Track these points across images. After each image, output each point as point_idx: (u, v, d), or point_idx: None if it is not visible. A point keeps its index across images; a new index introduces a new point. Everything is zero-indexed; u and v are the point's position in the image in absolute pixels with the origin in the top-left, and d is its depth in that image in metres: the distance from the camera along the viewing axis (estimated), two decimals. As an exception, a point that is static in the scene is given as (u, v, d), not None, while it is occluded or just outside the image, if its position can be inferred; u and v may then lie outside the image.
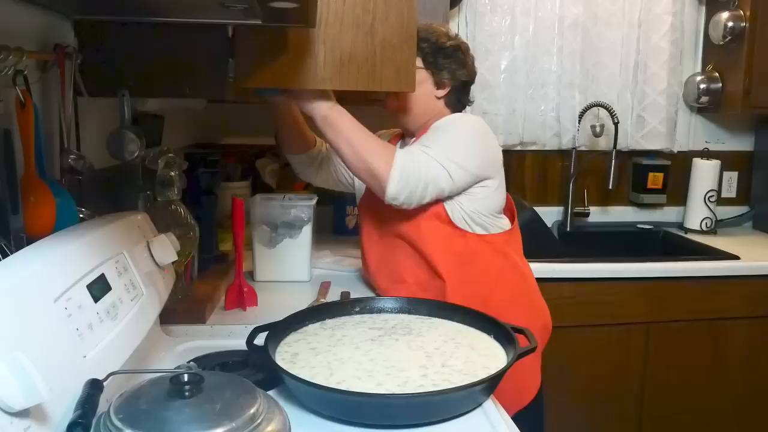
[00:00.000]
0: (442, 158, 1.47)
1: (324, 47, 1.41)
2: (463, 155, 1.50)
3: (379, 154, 1.44)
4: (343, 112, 1.47)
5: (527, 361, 1.59)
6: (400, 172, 1.43)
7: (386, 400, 0.97)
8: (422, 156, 1.46)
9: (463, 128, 1.56)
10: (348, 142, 1.44)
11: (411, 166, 1.44)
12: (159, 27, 1.32)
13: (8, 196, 0.93)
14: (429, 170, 1.46)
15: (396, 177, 1.43)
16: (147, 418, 0.75)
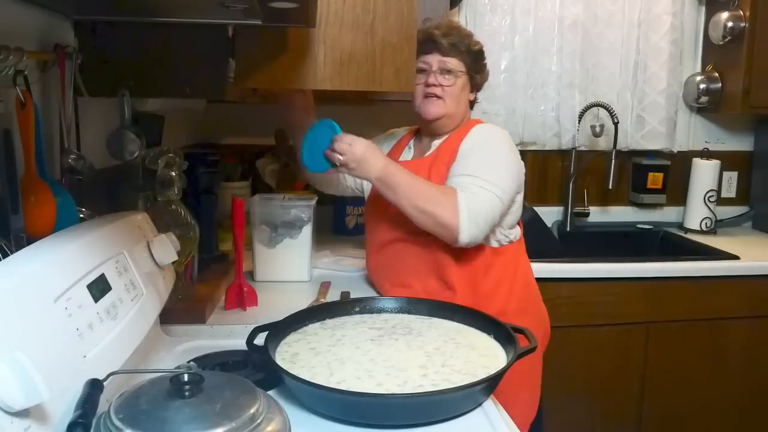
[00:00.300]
0: (493, 187, 1.48)
1: (324, 47, 1.41)
2: (507, 178, 1.52)
3: (443, 204, 1.44)
4: (395, 170, 1.48)
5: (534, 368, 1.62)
6: (468, 216, 1.43)
7: (386, 400, 0.97)
8: (480, 191, 1.47)
9: (499, 148, 1.57)
10: (408, 201, 1.45)
11: (476, 206, 1.45)
12: (159, 27, 1.33)
13: (8, 196, 0.93)
14: (490, 204, 1.47)
15: (466, 224, 1.43)
16: (147, 418, 0.75)
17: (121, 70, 1.34)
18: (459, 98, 1.63)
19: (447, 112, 1.62)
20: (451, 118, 1.64)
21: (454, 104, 1.62)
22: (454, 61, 1.61)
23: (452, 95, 1.61)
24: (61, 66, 1.20)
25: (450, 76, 1.61)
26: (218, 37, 1.35)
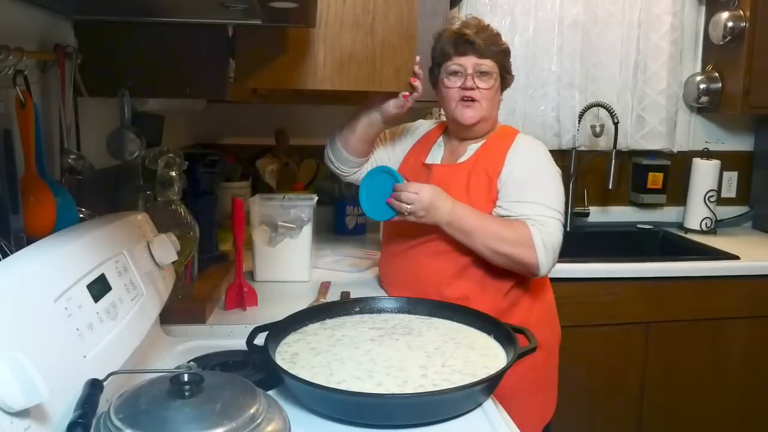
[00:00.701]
0: (558, 214, 1.51)
1: (324, 47, 1.41)
2: (562, 200, 1.55)
3: (519, 244, 1.44)
4: (463, 212, 1.46)
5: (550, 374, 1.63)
6: (545, 251, 1.45)
7: (386, 400, 0.97)
8: (550, 222, 1.48)
9: (550, 167, 1.56)
10: (483, 244, 1.45)
11: (550, 239, 1.46)
12: (159, 27, 1.33)
13: (8, 196, 0.93)
14: (559, 232, 1.50)
15: (544, 259, 1.45)
16: (147, 418, 0.75)
17: (121, 70, 1.34)
18: (494, 100, 1.58)
19: (484, 116, 1.56)
20: (488, 122, 1.59)
21: (490, 107, 1.57)
22: (489, 63, 1.55)
23: (489, 98, 1.55)
24: (61, 66, 1.20)
25: (487, 77, 1.55)
26: (218, 37, 1.35)
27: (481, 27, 1.57)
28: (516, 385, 1.48)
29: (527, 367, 1.49)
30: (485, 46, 1.53)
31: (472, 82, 1.54)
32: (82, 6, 1.26)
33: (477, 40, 1.53)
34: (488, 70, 1.55)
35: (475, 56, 1.54)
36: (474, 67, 1.54)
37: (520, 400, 1.50)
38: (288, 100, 2.27)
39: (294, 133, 2.54)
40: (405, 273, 1.59)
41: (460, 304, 1.38)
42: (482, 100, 1.55)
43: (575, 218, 2.79)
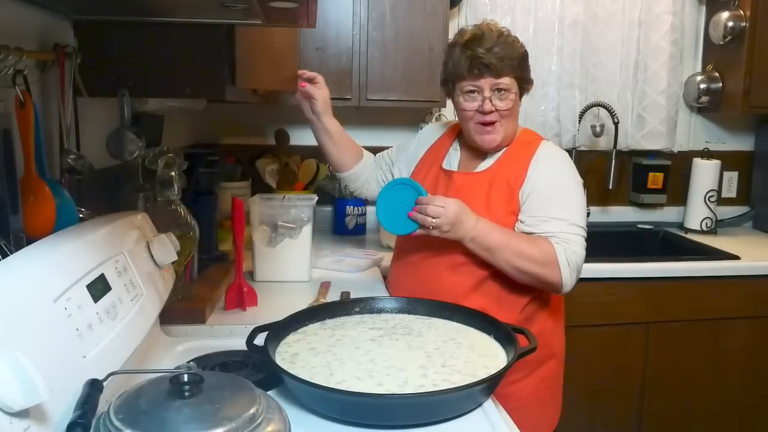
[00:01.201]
0: (580, 230, 1.43)
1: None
2: (584, 214, 1.48)
3: (542, 262, 1.37)
4: (487, 229, 1.38)
5: (560, 381, 1.60)
6: (569, 269, 1.39)
7: (386, 400, 0.97)
8: (573, 238, 1.40)
9: (574, 179, 1.48)
10: (507, 263, 1.38)
11: (574, 257, 1.39)
12: (159, 27, 1.33)
13: (8, 196, 0.93)
14: (582, 248, 1.43)
15: (568, 277, 1.39)
16: (147, 418, 0.75)
17: (121, 70, 1.33)
18: (515, 116, 1.50)
19: (507, 134, 1.49)
20: (508, 137, 1.51)
21: (511, 124, 1.49)
22: (507, 80, 1.45)
23: (508, 116, 1.47)
24: (60, 66, 1.20)
25: (506, 95, 1.45)
26: (218, 37, 1.35)
27: (495, 40, 1.44)
28: (530, 395, 1.49)
29: (540, 377, 1.50)
30: (503, 63, 1.43)
31: (490, 105, 1.44)
32: (81, 6, 1.26)
33: (492, 62, 1.42)
34: (506, 87, 1.45)
35: (491, 77, 1.44)
36: (491, 86, 1.44)
37: (534, 409, 1.51)
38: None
39: (294, 133, 2.54)
40: (419, 284, 1.51)
41: None
42: (502, 121, 1.46)
43: (575, 218, 2.79)
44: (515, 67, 1.46)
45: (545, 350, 1.47)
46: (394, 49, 2.28)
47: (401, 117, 2.63)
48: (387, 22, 2.27)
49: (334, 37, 2.26)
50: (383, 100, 2.31)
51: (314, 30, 2.16)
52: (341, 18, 2.25)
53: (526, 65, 1.51)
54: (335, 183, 2.63)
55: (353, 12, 2.25)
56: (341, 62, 2.26)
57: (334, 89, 2.27)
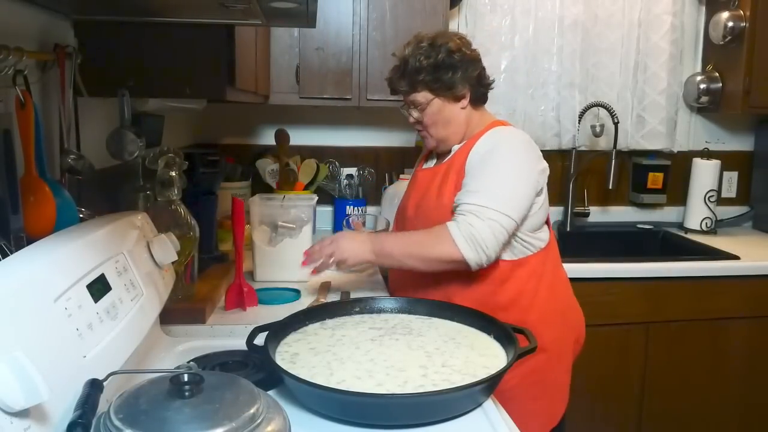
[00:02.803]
0: (495, 214, 1.40)
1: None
2: (513, 197, 1.44)
3: (438, 243, 1.42)
4: (381, 238, 1.51)
5: (558, 377, 1.59)
6: (468, 244, 1.39)
7: (386, 400, 0.97)
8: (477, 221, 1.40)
9: (506, 159, 1.48)
10: (409, 258, 1.46)
11: (476, 233, 1.39)
12: (159, 27, 1.33)
13: (8, 196, 0.93)
14: (491, 230, 1.40)
15: (470, 251, 1.39)
16: (147, 418, 0.75)
17: (121, 70, 1.34)
18: (440, 122, 1.55)
19: (439, 138, 1.58)
20: (451, 137, 1.58)
21: (441, 129, 1.56)
22: (420, 95, 1.54)
23: (433, 124, 1.56)
24: (60, 66, 1.20)
25: (422, 107, 1.55)
26: (218, 37, 1.35)
27: (403, 58, 1.55)
28: (516, 387, 1.46)
29: (528, 369, 1.47)
30: (407, 83, 1.55)
31: (411, 118, 1.60)
32: (81, 6, 1.26)
33: (398, 86, 1.58)
34: (418, 102, 1.55)
35: (405, 95, 1.58)
36: (410, 103, 1.58)
37: (521, 404, 1.45)
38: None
39: (294, 133, 2.54)
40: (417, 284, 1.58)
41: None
42: (429, 128, 1.57)
43: (575, 218, 2.79)
44: (421, 82, 1.53)
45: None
46: (394, 49, 2.26)
47: (401, 117, 2.61)
48: (387, 22, 2.27)
49: (334, 37, 2.26)
50: (383, 100, 2.30)
51: (314, 30, 2.17)
52: (341, 18, 2.25)
53: (444, 73, 1.52)
54: (335, 183, 2.63)
55: (353, 12, 2.25)
56: (341, 62, 2.26)
57: (334, 89, 2.29)
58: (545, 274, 1.57)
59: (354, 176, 2.64)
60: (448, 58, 1.51)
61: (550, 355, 1.53)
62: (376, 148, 2.72)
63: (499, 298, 1.50)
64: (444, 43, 1.53)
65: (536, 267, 1.54)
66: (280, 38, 2.22)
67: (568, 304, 1.64)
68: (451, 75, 1.52)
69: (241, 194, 2.31)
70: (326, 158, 2.63)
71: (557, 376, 1.59)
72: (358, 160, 2.68)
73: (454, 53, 1.52)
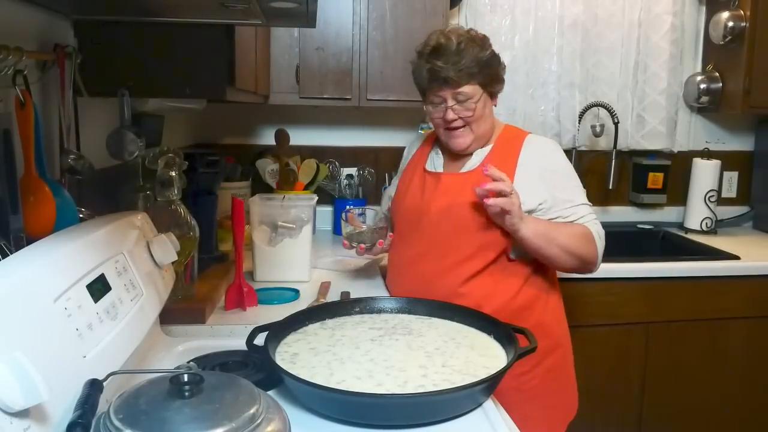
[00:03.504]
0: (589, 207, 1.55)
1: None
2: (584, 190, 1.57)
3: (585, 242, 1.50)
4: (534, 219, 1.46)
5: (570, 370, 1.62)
6: (601, 244, 1.52)
7: (386, 400, 0.97)
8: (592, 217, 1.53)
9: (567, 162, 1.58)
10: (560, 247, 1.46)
11: (600, 230, 1.53)
12: (159, 27, 1.33)
13: (8, 196, 0.93)
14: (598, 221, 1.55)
15: (600, 252, 1.53)
16: (147, 418, 0.75)
17: (121, 70, 1.34)
18: (484, 118, 1.51)
19: (479, 135, 1.52)
20: (485, 135, 1.55)
21: (481, 126, 1.52)
22: (468, 88, 1.47)
23: (476, 120, 1.50)
24: (60, 66, 1.20)
25: (468, 103, 1.48)
26: (218, 37, 1.35)
27: (454, 51, 1.45)
28: (538, 386, 1.51)
29: (546, 368, 1.51)
30: (462, 75, 1.45)
31: (452, 113, 1.49)
32: (81, 6, 1.26)
33: (450, 75, 1.45)
34: (468, 95, 1.47)
35: (450, 88, 1.47)
36: (453, 96, 1.48)
37: (544, 400, 1.52)
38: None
39: (294, 133, 2.54)
40: (413, 284, 1.54)
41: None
42: (471, 124, 1.50)
43: (575, 218, 2.79)
44: (476, 74, 1.48)
45: (549, 340, 1.50)
46: (394, 49, 2.28)
47: (401, 117, 2.63)
48: (387, 22, 2.27)
49: (334, 37, 2.26)
50: (383, 100, 2.31)
51: (314, 30, 2.17)
52: (341, 18, 2.25)
53: (490, 69, 1.51)
54: (335, 183, 2.63)
55: (353, 12, 2.25)
56: (341, 62, 2.26)
57: (334, 89, 2.29)
58: (549, 271, 1.60)
59: (354, 176, 2.64)
60: (494, 55, 1.52)
61: (564, 350, 1.59)
62: (376, 148, 2.72)
63: (521, 300, 1.51)
64: (484, 38, 1.53)
65: (548, 267, 1.58)
66: (280, 38, 2.22)
67: (562, 302, 1.67)
68: (497, 71, 1.53)
69: (241, 194, 2.31)
70: (326, 158, 2.63)
71: (569, 370, 1.63)
72: (358, 160, 2.68)
73: (493, 53, 1.53)
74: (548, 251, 1.45)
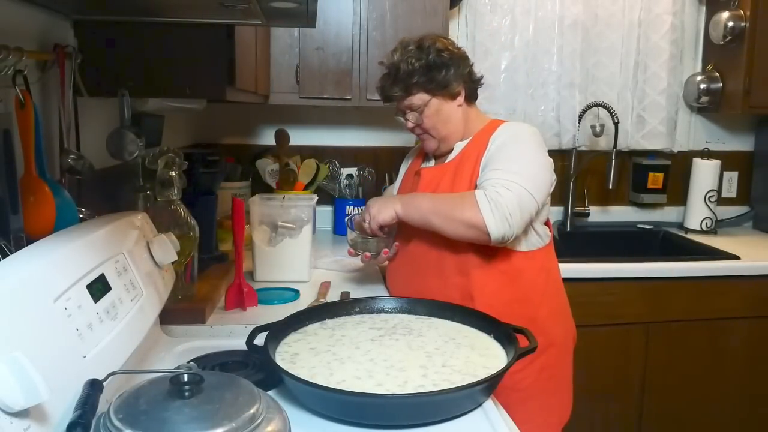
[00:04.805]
0: (523, 180, 1.40)
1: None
2: (538, 174, 1.45)
3: (463, 205, 1.39)
4: (411, 195, 1.52)
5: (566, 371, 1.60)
6: (492, 211, 1.36)
7: (386, 400, 0.97)
8: (503, 189, 1.38)
9: (527, 144, 1.49)
10: (436, 214, 1.43)
11: (501, 200, 1.37)
12: (159, 27, 1.33)
13: (8, 196, 0.93)
14: (518, 198, 1.38)
15: (492, 219, 1.36)
16: (147, 418, 0.75)
17: (121, 70, 1.34)
18: (440, 121, 1.54)
19: (441, 138, 1.56)
20: (452, 136, 1.57)
21: (441, 130, 1.55)
22: (414, 98, 1.53)
23: (432, 126, 1.55)
24: (60, 66, 1.20)
25: (420, 110, 1.53)
26: (218, 37, 1.35)
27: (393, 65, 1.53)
28: (532, 386, 1.50)
29: (540, 366, 1.50)
30: (401, 88, 1.53)
31: (410, 123, 1.57)
32: (81, 6, 1.26)
33: (391, 93, 1.55)
34: (416, 105, 1.53)
35: (400, 100, 1.56)
36: (405, 108, 1.56)
37: (539, 401, 1.51)
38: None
39: (294, 133, 2.54)
40: (409, 285, 1.58)
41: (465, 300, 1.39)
42: (430, 130, 1.56)
43: (575, 218, 2.79)
44: (416, 84, 1.52)
45: (542, 337, 1.41)
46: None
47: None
48: (387, 22, 2.27)
49: (334, 37, 2.26)
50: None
51: (314, 30, 2.17)
52: (341, 18, 2.25)
53: (437, 73, 1.51)
54: (335, 183, 2.63)
55: (353, 12, 2.25)
56: (341, 62, 2.26)
57: (334, 89, 2.29)
58: (551, 270, 1.59)
59: (354, 176, 2.64)
60: (438, 57, 1.51)
61: (559, 350, 1.56)
62: (376, 148, 2.72)
63: (516, 290, 1.50)
64: (431, 43, 1.53)
65: (544, 262, 1.56)
66: (280, 38, 2.22)
67: (566, 300, 1.66)
68: (444, 73, 1.52)
69: (241, 194, 2.31)
70: (326, 158, 2.63)
71: (565, 370, 1.61)
72: (358, 160, 2.68)
73: (442, 52, 1.52)
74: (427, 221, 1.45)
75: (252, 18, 1.27)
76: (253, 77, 1.79)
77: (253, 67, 1.78)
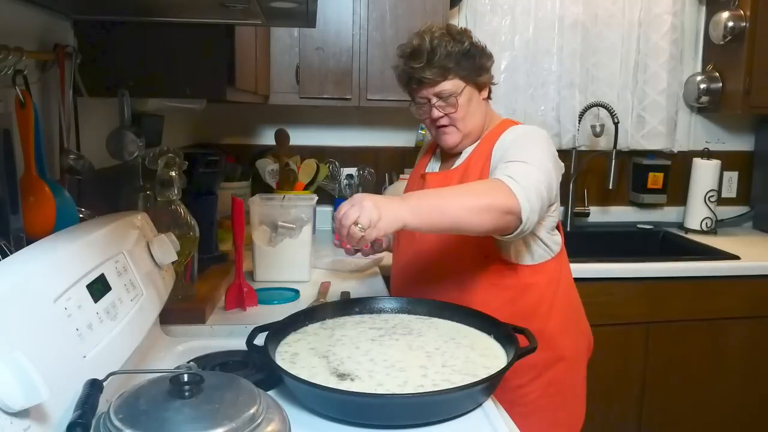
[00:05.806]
0: (539, 163, 1.31)
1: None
2: (550, 163, 1.35)
3: (493, 190, 1.23)
4: (415, 196, 1.23)
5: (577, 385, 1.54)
6: (520, 187, 1.22)
7: (386, 400, 0.97)
8: (521, 172, 1.26)
9: (537, 142, 1.39)
10: (464, 208, 1.19)
11: (525, 181, 1.24)
12: (159, 27, 1.33)
13: (8, 196, 0.93)
14: (536, 179, 1.27)
15: (523, 196, 1.22)
16: (147, 418, 0.75)
17: (121, 70, 1.34)
18: (470, 113, 1.47)
19: (466, 132, 1.48)
20: (475, 131, 1.50)
21: (469, 122, 1.47)
22: (448, 84, 1.43)
23: (462, 117, 1.45)
24: (60, 66, 1.20)
25: (452, 99, 1.44)
26: (218, 37, 1.35)
27: (428, 48, 1.41)
28: (537, 401, 1.45)
29: (547, 381, 1.45)
30: (437, 72, 1.42)
31: (437, 111, 1.45)
32: (81, 6, 1.26)
33: (425, 75, 1.42)
34: (450, 91, 1.43)
35: (430, 86, 1.44)
36: (435, 94, 1.45)
37: (543, 415, 1.46)
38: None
39: (294, 133, 2.54)
40: (414, 287, 1.54)
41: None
42: (457, 123, 1.46)
43: (575, 218, 2.79)
44: (453, 68, 1.43)
45: (551, 352, 1.42)
46: (394, 49, 2.26)
47: (401, 117, 2.63)
48: (387, 22, 2.27)
49: (334, 37, 2.26)
50: (383, 100, 2.31)
51: (314, 30, 2.17)
52: (341, 18, 2.25)
53: (469, 60, 1.46)
54: (335, 183, 2.63)
55: (353, 12, 2.25)
56: (341, 62, 2.26)
57: (334, 89, 2.29)
58: (561, 281, 1.52)
59: (354, 176, 2.64)
60: (472, 45, 1.47)
61: (569, 364, 1.50)
62: (376, 148, 2.72)
63: (520, 307, 1.44)
64: (461, 32, 1.49)
65: (553, 273, 1.50)
66: (280, 38, 2.22)
67: (580, 310, 1.60)
68: (478, 61, 1.47)
69: (241, 194, 2.31)
70: (326, 158, 2.64)
71: (576, 384, 1.55)
72: (358, 160, 2.68)
73: (474, 42, 1.49)
74: (452, 217, 1.19)
75: (252, 18, 1.27)
76: (253, 77, 1.79)
77: (253, 67, 1.78)
